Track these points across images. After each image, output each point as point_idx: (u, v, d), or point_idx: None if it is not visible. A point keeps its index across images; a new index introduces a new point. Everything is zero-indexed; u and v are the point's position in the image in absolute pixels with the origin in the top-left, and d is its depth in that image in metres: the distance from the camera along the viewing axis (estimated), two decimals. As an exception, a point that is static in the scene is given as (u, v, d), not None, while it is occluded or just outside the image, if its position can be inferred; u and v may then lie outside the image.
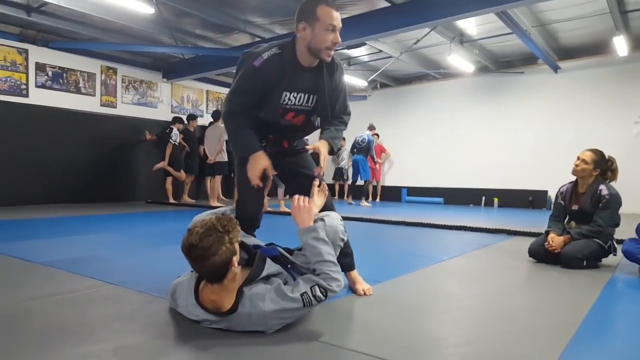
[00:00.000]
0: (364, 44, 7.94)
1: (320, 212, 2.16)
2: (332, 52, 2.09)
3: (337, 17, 2.04)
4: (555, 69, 9.27)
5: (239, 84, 2.13)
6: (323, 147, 2.20)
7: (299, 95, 2.16)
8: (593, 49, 8.79)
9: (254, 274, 1.74)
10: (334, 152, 2.27)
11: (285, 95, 2.13)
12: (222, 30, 8.14)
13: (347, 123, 2.39)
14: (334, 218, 2.11)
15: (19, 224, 5.18)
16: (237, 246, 1.71)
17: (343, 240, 2.11)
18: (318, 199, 2.18)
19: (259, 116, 2.14)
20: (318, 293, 1.71)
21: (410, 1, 6.32)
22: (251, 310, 1.66)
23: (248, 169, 2.12)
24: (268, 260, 1.84)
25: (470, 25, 7.85)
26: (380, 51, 8.93)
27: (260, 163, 2.11)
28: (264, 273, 1.77)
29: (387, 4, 6.48)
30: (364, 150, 9.57)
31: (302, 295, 1.69)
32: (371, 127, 10.14)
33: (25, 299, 2.17)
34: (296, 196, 2.00)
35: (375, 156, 9.85)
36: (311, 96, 2.19)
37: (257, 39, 8.12)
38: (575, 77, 9.16)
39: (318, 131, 2.36)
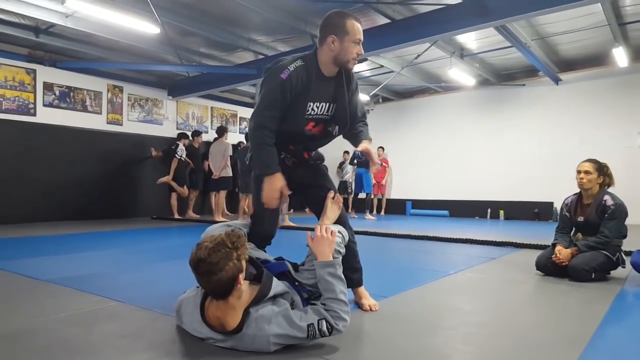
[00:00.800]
0: (366, 59, 8.01)
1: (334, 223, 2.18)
2: (362, 53, 2.21)
3: (361, 30, 2.18)
4: (557, 80, 9.30)
5: (267, 97, 2.11)
6: (369, 145, 2.35)
7: (321, 104, 2.21)
8: (593, 60, 8.82)
9: (262, 294, 1.72)
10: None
11: (309, 106, 2.17)
12: (226, 48, 8.24)
13: (367, 123, 2.52)
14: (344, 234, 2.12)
15: (25, 242, 5.20)
16: (244, 263, 1.70)
17: (340, 253, 2.09)
18: (332, 211, 2.17)
19: (281, 128, 2.15)
20: (324, 328, 1.69)
21: (410, 17, 6.40)
22: (256, 332, 1.65)
23: (264, 191, 2.12)
24: (275, 279, 1.83)
25: (469, 39, 7.91)
26: (382, 66, 9.00)
27: (276, 185, 2.11)
28: (271, 293, 1.75)
29: (387, 21, 6.55)
30: (366, 163, 9.53)
31: (308, 326, 1.67)
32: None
33: (31, 316, 2.17)
34: (320, 226, 1.98)
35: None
36: (331, 105, 2.24)
37: (261, 56, 8.22)
38: (576, 89, 9.18)
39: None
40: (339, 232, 2.13)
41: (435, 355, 1.74)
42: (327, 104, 2.23)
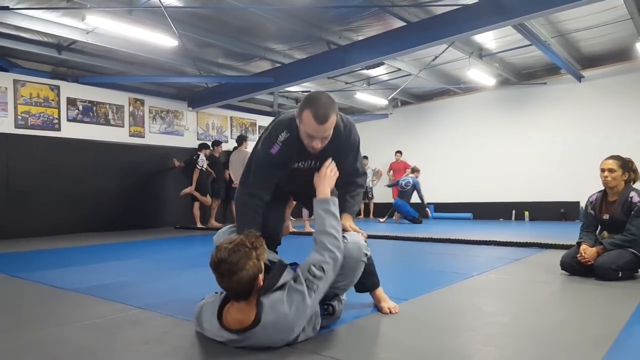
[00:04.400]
0: (382, 63, 8.00)
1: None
2: (318, 149, 2.05)
3: (317, 128, 1.96)
4: (579, 78, 9.11)
5: (257, 170, 2.20)
6: (346, 222, 2.18)
7: (306, 162, 2.22)
8: (616, 55, 8.62)
9: (270, 282, 1.77)
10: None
11: (295, 164, 2.23)
12: (243, 58, 8.34)
13: (363, 184, 2.39)
14: (355, 235, 2.11)
15: (51, 254, 5.32)
16: (262, 264, 1.73)
17: (367, 255, 2.09)
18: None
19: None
20: (315, 270, 1.80)
21: (426, 19, 6.35)
22: (275, 317, 1.69)
23: None
24: (288, 269, 1.87)
25: (488, 39, 7.82)
26: (399, 69, 8.97)
27: None
28: (281, 282, 1.79)
29: (403, 24, 6.52)
30: (407, 194, 9.24)
31: (305, 281, 1.78)
32: (415, 170, 9.66)
33: (57, 324, 2.22)
34: (327, 163, 2.08)
35: (423, 197, 9.29)
36: (318, 161, 2.20)
37: (277, 65, 8.28)
38: (600, 85, 8.98)
39: None
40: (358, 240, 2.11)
41: (456, 356, 1.71)
42: (314, 160, 2.20)
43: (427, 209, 9.27)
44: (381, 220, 9.81)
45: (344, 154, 2.24)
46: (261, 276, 1.71)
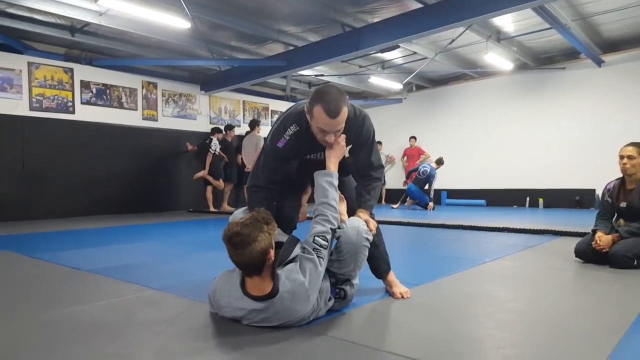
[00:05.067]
0: (398, 46, 7.88)
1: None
2: (332, 142, 2.05)
3: (329, 122, 1.94)
4: (599, 62, 8.91)
5: (265, 162, 2.22)
6: (364, 215, 2.15)
7: (319, 153, 2.21)
8: (638, 40, 8.40)
9: (284, 255, 1.86)
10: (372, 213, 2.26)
11: (308, 156, 2.24)
12: (256, 41, 8.28)
13: (380, 177, 2.33)
14: (354, 219, 2.09)
15: (67, 235, 5.42)
16: (273, 239, 1.77)
17: (368, 239, 2.04)
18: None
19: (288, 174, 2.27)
20: (319, 240, 1.87)
21: (443, 1, 6.23)
22: (292, 285, 1.75)
23: None
24: (299, 242, 1.94)
25: (506, 22, 7.66)
26: (415, 53, 8.84)
27: None
28: (293, 254, 1.87)
29: (419, 5, 6.40)
30: (421, 182, 9.16)
31: (314, 250, 1.84)
32: (439, 162, 9.49)
33: (73, 303, 2.26)
34: (337, 139, 2.07)
35: (431, 191, 9.17)
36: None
37: (291, 47, 8.22)
38: (620, 70, 8.77)
39: None
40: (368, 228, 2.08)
41: (468, 341, 1.71)
42: (324, 152, 2.18)
43: (431, 202, 9.18)
44: (394, 206, 9.78)
45: (357, 145, 2.21)
46: (272, 251, 1.75)
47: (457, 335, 1.77)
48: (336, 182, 2.05)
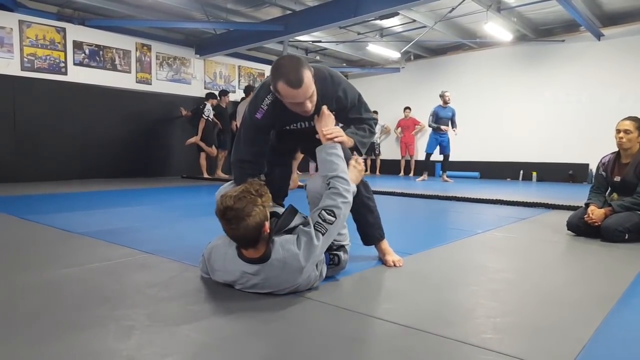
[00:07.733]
0: (397, 13, 7.73)
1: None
2: (310, 110, 1.95)
3: (296, 94, 1.85)
4: (598, 36, 8.79)
5: (245, 135, 2.16)
6: (344, 138, 2.07)
7: (301, 122, 2.17)
8: (639, 14, 8.27)
9: (283, 223, 1.81)
10: (357, 148, 2.18)
11: (289, 126, 2.20)
12: (253, 4, 8.07)
13: (371, 130, 2.25)
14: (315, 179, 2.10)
15: (59, 198, 5.38)
16: (268, 211, 1.74)
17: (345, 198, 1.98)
18: (351, 173, 2.13)
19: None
20: (325, 215, 1.81)
21: (445, -33, 6.08)
22: (284, 255, 1.72)
23: None
24: (299, 213, 1.90)
25: (508, -9, 7.51)
26: (414, 21, 8.68)
27: None
28: (292, 224, 1.83)
29: (421, -29, 6.26)
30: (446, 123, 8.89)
31: (315, 224, 1.79)
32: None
33: (65, 266, 2.25)
34: (322, 110, 2.03)
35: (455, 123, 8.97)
36: (309, 122, 2.15)
37: (288, 12, 8.03)
38: (619, 45, 8.67)
39: None
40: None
41: (458, 310, 1.73)
42: (306, 122, 2.14)
43: (424, 174, 9.20)
44: (419, 179, 9.47)
45: (343, 110, 2.17)
46: (267, 223, 1.72)
47: (448, 304, 1.79)
48: (341, 153, 1.99)
